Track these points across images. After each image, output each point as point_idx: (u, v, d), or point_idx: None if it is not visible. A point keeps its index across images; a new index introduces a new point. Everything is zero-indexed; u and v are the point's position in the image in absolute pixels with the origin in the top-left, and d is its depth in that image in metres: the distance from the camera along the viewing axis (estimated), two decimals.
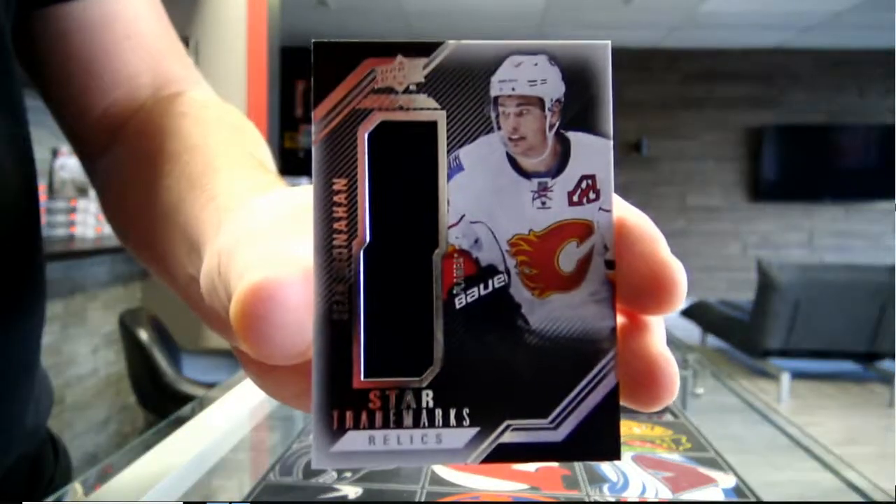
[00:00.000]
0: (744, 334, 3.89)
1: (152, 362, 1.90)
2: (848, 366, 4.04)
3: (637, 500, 0.44)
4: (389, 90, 0.17)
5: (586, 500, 0.43)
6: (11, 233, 0.44)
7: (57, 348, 2.15)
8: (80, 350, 2.29)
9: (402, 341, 0.17)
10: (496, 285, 0.17)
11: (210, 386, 1.77)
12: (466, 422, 0.17)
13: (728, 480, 0.46)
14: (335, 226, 0.17)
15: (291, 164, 5.00)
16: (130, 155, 0.42)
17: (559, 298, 0.17)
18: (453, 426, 0.17)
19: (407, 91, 0.17)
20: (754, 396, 0.72)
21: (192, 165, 0.35)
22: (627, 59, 5.65)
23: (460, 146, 0.17)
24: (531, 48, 0.17)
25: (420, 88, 0.17)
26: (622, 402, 0.17)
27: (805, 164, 5.68)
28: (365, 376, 0.17)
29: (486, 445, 0.17)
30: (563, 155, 0.17)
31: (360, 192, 0.17)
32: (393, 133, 0.17)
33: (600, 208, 0.17)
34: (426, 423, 0.17)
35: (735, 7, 4.63)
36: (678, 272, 0.17)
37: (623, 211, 0.18)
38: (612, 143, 0.17)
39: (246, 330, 0.16)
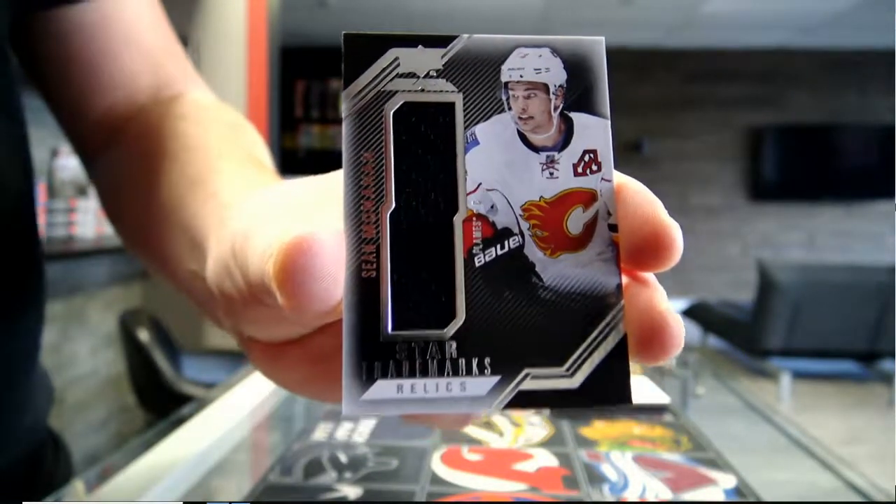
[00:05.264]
0: (744, 334, 3.89)
1: (152, 362, 1.90)
2: (848, 366, 4.04)
3: (637, 500, 0.44)
4: (412, 75, 0.19)
5: (586, 500, 0.43)
6: (9, 233, 0.44)
7: (57, 348, 2.15)
8: (80, 350, 2.29)
9: (427, 296, 0.18)
10: (512, 246, 0.19)
11: (210, 386, 1.77)
12: (488, 370, 0.18)
13: (728, 480, 0.46)
14: (363, 192, 0.18)
15: (291, 163, 5.00)
16: (130, 156, 0.42)
17: (569, 258, 0.19)
18: (476, 375, 0.18)
19: (427, 76, 0.19)
20: (754, 396, 0.72)
21: (192, 165, 0.35)
22: (627, 59, 5.65)
23: (476, 123, 0.19)
24: (535, 42, 0.20)
25: (439, 74, 0.19)
26: (632, 360, 0.19)
27: (805, 164, 5.68)
28: (392, 329, 0.18)
29: (508, 392, 0.18)
30: (567, 132, 0.19)
31: (387, 163, 0.19)
32: (415, 112, 0.19)
33: (602, 178, 0.19)
34: (450, 372, 0.18)
35: (735, 7, 4.63)
36: (675, 230, 0.19)
37: (624, 180, 0.20)
38: (609, 122, 0.20)
39: (287, 282, 0.17)
